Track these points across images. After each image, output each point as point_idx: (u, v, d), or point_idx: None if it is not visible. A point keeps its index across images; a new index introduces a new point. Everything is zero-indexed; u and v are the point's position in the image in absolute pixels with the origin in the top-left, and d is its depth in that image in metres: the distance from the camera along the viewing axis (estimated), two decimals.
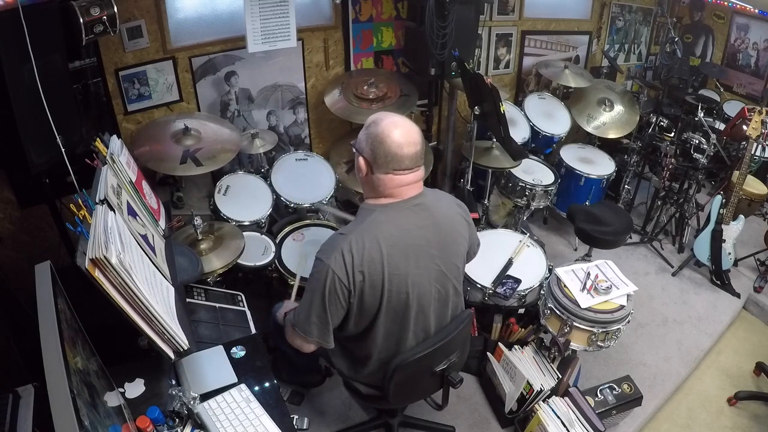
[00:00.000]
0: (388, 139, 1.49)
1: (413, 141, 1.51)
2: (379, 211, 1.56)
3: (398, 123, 1.52)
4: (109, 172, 1.52)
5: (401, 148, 1.49)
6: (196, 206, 2.61)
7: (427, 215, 1.60)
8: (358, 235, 1.51)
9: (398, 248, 1.53)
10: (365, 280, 1.50)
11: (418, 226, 1.58)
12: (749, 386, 2.65)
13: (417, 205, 1.58)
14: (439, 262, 1.62)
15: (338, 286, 1.49)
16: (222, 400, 1.49)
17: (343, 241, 1.51)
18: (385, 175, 1.53)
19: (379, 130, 1.50)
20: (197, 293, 2.09)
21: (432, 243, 1.60)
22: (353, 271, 1.48)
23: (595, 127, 3.51)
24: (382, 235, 1.52)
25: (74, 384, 0.99)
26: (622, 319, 2.09)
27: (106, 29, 1.95)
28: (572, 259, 3.28)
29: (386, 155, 1.50)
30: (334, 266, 1.48)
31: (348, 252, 1.48)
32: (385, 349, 1.66)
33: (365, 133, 1.54)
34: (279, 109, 3.14)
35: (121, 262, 1.17)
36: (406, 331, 1.64)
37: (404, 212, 1.56)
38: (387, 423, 2.19)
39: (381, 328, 1.61)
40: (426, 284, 1.61)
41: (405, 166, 1.52)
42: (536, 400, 2.16)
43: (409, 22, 3.11)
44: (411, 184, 1.56)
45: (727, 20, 4.12)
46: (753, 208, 3.32)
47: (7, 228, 2.41)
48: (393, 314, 1.59)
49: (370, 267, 1.50)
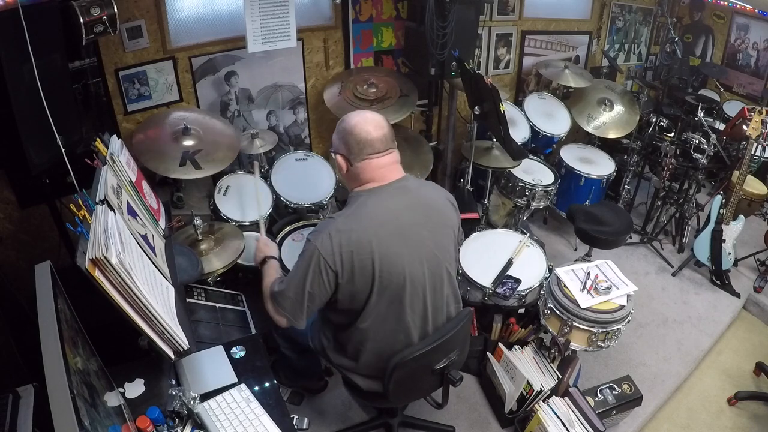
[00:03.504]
0: (356, 128, 1.59)
1: (379, 125, 1.62)
2: (365, 195, 1.62)
3: (361, 113, 1.65)
4: (109, 172, 1.52)
5: (369, 133, 1.59)
6: (196, 206, 2.61)
7: (414, 196, 1.66)
8: (346, 217, 1.58)
9: (387, 228, 1.58)
10: (354, 261, 1.54)
11: (407, 206, 1.63)
12: (749, 386, 2.66)
13: (401, 187, 1.65)
14: (429, 243, 1.65)
15: (323, 267, 1.53)
16: (222, 400, 1.49)
17: (331, 224, 1.57)
18: (362, 162, 1.61)
19: (346, 124, 1.62)
20: (197, 293, 2.09)
21: (421, 223, 1.64)
22: (340, 252, 1.53)
23: (595, 127, 3.51)
24: (369, 217, 1.57)
25: (74, 384, 0.99)
26: (622, 319, 2.09)
27: (106, 29, 1.94)
28: (572, 259, 3.28)
29: (358, 143, 1.59)
30: (320, 247, 1.53)
31: (336, 233, 1.53)
32: (380, 333, 1.67)
33: (336, 134, 1.66)
34: (279, 109, 3.14)
35: (121, 262, 1.17)
36: (402, 313, 1.65)
37: (389, 194, 1.62)
38: (387, 423, 2.19)
39: (374, 310, 1.63)
40: (418, 264, 1.63)
41: (377, 149, 1.60)
42: (536, 400, 2.16)
43: (409, 22, 3.11)
44: (388, 165, 1.64)
45: (727, 20, 4.12)
46: (753, 208, 3.32)
47: (7, 228, 2.41)
48: (386, 295, 1.61)
49: (358, 247, 1.53)
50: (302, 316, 1.63)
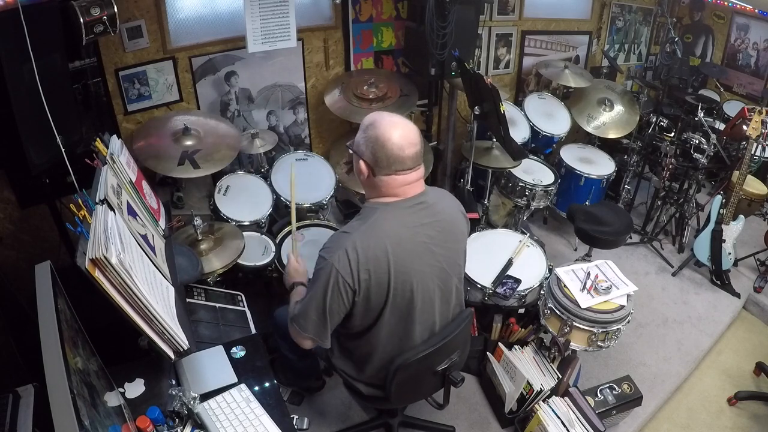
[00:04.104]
0: (389, 142, 1.49)
1: (413, 141, 1.52)
2: (382, 209, 1.56)
3: (397, 124, 1.52)
4: (109, 172, 1.52)
5: (402, 150, 1.50)
6: (196, 206, 2.60)
7: (430, 213, 1.61)
8: (363, 233, 1.51)
9: (403, 246, 1.54)
10: (371, 279, 1.51)
11: (422, 224, 1.59)
12: (749, 386, 2.66)
13: (420, 203, 1.59)
14: (441, 260, 1.64)
15: (342, 285, 1.49)
16: (222, 400, 1.49)
17: (347, 239, 1.51)
18: (388, 176, 1.53)
19: (379, 133, 1.50)
20: (197, 293, 2.09)
21: (435, 241, 1.61)
22: (358, 270, 1.48)
23: (595, 127, 3.51)
24: (387, 234, 1.52)
25: (74, 384, 0.99)
26: (622, 319, 2.09)
27: (106, 29, 1.94)
28: (572, 259, 3.28)
29: (388, 158, 1.50)
30: (338, 265, 1.48)
31: (353, 251, 1.48)
32: (388, 347, 1.67)
33: (364, 136, 1.54)
34: (279, 109, 3.14)
35: (121, 262, 1.17)
36: (411, 329, 1.64)
37: (408, 210, 1.57)
38: (387, 423, 2.19)
39: (385, 325, 1.62)
40: (429, 282, 1.62)
41: (407, 166, 1.53)
42: (536, 400, 2.16)
43: (409, 22, 3.11)
44: (413, 182, 1.57)
45: (727, 20, 4.12)
46: (753, 208, 3.32)
47: (7, 228, 2.40)
48: (398, 312, 1.60)
49: (375, 265, 1.50)
50: (327, 334, 1.59)
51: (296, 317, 1.60)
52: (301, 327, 1.59)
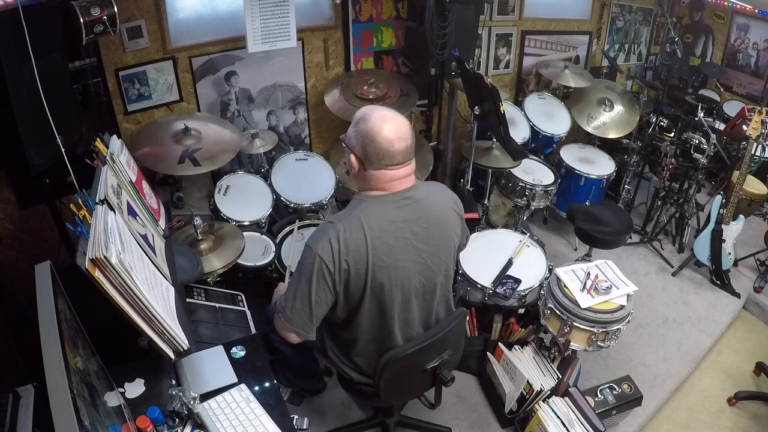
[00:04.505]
0: (379, 136, 1.49)
1: (403, 136, 1.52)
2: (369, 202, 1.58)
3: (387, 118, 1.51)
4: (109, 172, 1.52)
5: (392, 144, 1.50)
6: (196, 206, 2.61)
7: (417, 209, 1.61)
8: (347, 223, 1.53)
9: (384, 240, 1.55)
10: (350, 269, 1.52)
11: (407, 219, 1.59)
12: (749, 386, 2.66)
13: (407, 198, 1.59)
14: (425, 256, 1.64)
15: (325, 272, 1.51)
16: (222, 400, 1.49)
17: (332, 229, 1.53)
18: (378, 171, 1.54)
19: (369, 126, 1.50)
20: (197, 293, 2.09)
21: (419, 237, 1.61)
22: (339, 259, 1.50)
23: (595, 127, 3.51)
24: (369, 226, 1.53)
25: (74, 384, 0.99)
26: (622, 319, 2.09)
27: (106, 29, 1.94)
28: (572, 259, 3.28)
29: (378, 153, 1.51)
30: (321, 253, 1.50)
31: (336, 240, 1.50)
32: (371, 335, 1.68)
33: (354, 130, 1.55)
34: (279, 109, 3.14)
35: (121, 262, 1.17)
36: (391, 321, 1.65)
37: (393, 205, 1.58)
38: (383, 422, 2.20)
39: (366, 315, 1.63)
40: (412, 277, 1.62)
41: (397, 161, 1.54)
42: (536, 400, 2.16)
43: (409, 22, 3.11)
44: (403, 177, 1.58)
45: (727, 20, 4.12)
46: (753, 208, 3.32)
47: (7, 228, 2.41)
48: (376, 303, 1.61)
49: (355, 256, 1.52)
50: (312, 326, 1.60)
51: (283, 308, 1.61)
52: (287, 318, 1.59)
